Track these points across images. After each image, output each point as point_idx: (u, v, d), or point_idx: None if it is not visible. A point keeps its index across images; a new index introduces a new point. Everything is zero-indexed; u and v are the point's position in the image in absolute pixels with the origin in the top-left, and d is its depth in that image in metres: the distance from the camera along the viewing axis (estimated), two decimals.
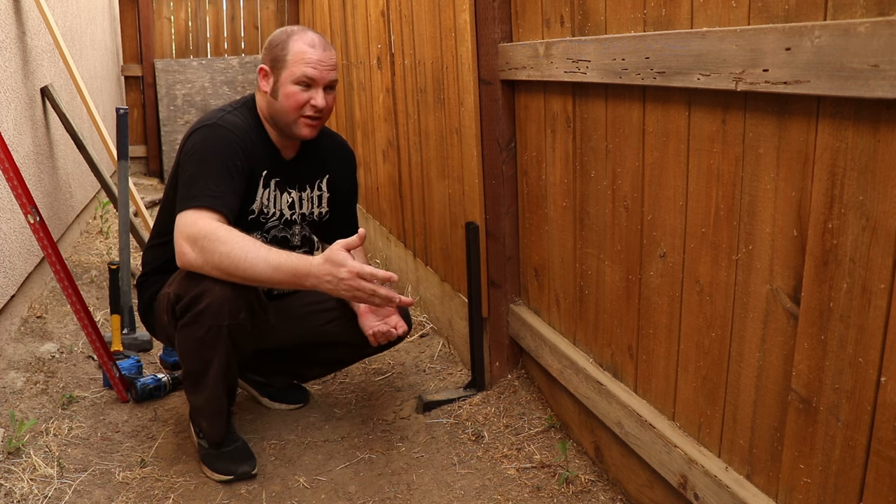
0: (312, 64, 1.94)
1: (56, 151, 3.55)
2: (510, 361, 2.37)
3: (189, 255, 1.77)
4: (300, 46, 1.95)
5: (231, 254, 1.74)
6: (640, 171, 1.60)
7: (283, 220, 2.09)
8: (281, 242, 2.08)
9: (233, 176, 1.89)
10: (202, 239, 1.76)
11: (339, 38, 4.16)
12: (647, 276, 1.61)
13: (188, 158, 1.90)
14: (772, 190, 1.22)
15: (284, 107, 1.96)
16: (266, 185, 2.02)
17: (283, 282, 1.78)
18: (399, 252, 3.25)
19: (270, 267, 1.75)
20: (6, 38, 2.90)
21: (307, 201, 2.14)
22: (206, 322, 1.82)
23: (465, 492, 1.88)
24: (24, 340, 2.65)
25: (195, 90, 6.13)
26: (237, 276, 1.77)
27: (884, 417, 1.05)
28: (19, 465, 1.96)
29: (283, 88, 1.95)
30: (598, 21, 1.68)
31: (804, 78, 1.07)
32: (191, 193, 1.83)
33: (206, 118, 1.97)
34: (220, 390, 1.93)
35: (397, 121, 3.08)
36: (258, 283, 1.80)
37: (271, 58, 1.99)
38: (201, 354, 1.87)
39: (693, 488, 1.46)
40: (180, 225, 1.80)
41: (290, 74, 1.94)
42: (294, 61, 1.94)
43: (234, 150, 1.90)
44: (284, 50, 1.96)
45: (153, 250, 2.12)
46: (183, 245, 1.78)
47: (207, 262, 1.76)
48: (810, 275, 1.16)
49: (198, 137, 1.92)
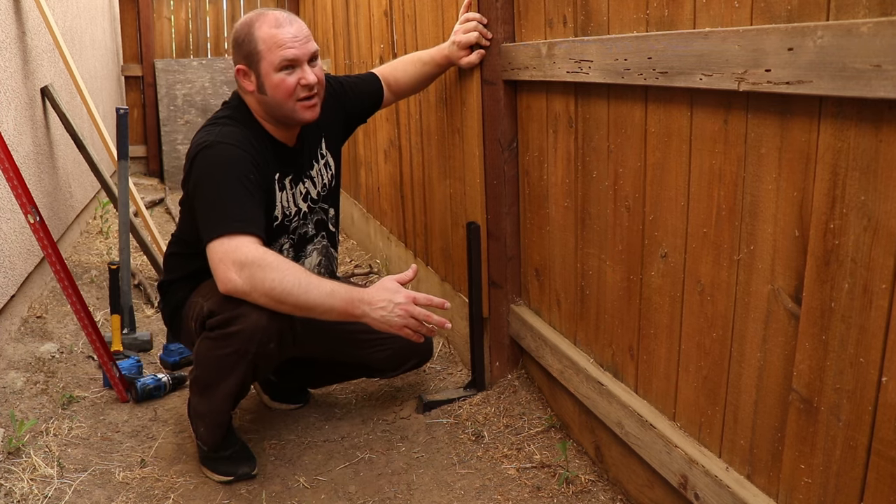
0: (287, 44, 1.83)
1: (56, 151, 3.55)
2: (510, 361, 2.37)
3: (236, 282, 1.70)
4: (267, 31, 1.84)
5: (284, 280, 1.68)
6: (641, 171, 1.60)
7: (301, 215, 2.04)
8: (302, 238, 2.05)
9: (252, 193, 1.81)
10: (250, 266, 1.69)
11: (341, 38, 4.16)
12: (648, 276, 1.61)
13: (201, 185, 1.82)
14: (774, 190, 1.22)
15: (277, 98, 1.87)
16: (282, 187, 1.96)
17: (335, 308, 1.71)
18: (400, 252, 3.25)
19: (324, 293, 1.70)
20: (6, 38, 2.90)
21: (318, 176, 2.08)
22: (234, 345, 1.77)
23: (465, 492, 1.88)
24: (24, 340, 2.65)
25: (195, 90, 6.13)
26: (288, 304, 1.70)
27: (885, 417, 1.05)
28: (19, 465, 1.96)
29: (268, 80, 1.86)
30: (600, 21, 1.68)
31: (806, 78, 1.07)
32: (218, 219, 1.75)
33: (204, 137, 1.86)
34: (226, 406, 1.91)
35: (399, 120, 3.08)
36: (308, 310, 1.72)
37: (243, 55, 1.88)
38: (219, 371, 1.84)
39: (693, 488, 1.46)
40: (220, 252, 1.72)
41: (269, 64, 1.84)
42: (267, 49, 1.83)
43: (245, 166, 1.82)
44: (253, 42, 1.85)
45: (177, 258, 2.06)
46: (228, 272, 1.70)
47: (256, 289, 1.69)
48: (812, 275, 1.16)
49: (204, 162, 1.82)
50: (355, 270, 3.62)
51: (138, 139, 6.25)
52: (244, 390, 1.93)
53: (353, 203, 4.17)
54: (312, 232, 2.10)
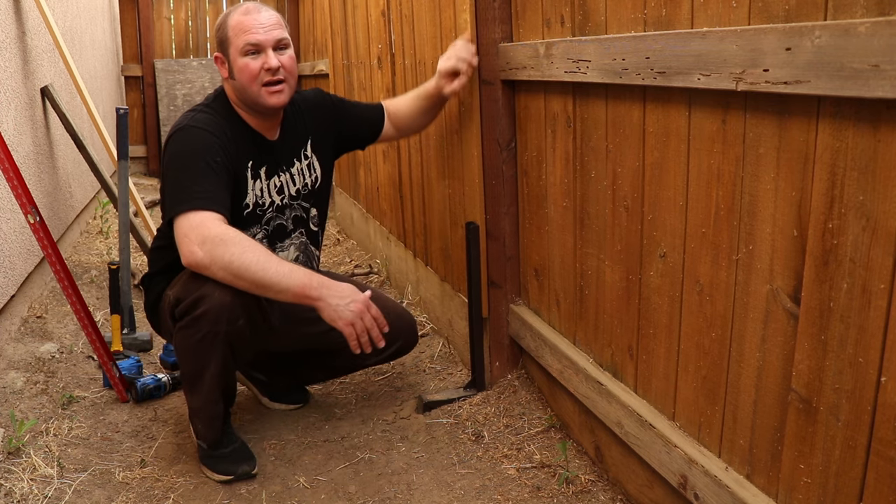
0: (251, 30, 1.93)
1: (56, 151, 3.55)
2: (510, 361, 2.37)
3: (197, 255, 1.75)
4: (236, 18, 1.95)
5: (243, 256, 1.73)
6: (640, 171, 1.60)
7: (275, 207, 2.07)
8: (278, 230, 2.07)
9: (217, 173, 1.87)
10: (213, 240, 1.75)
11: (339, 38, 4.16)
12: (647, 276, 1.61)
13: (169, 165, 1.90)
14: (772, 190, 1.22)
15: (243, 82, 1.95)
16: (255, 175, 2.00)
17: (291, 289, 1.76)
18: (399, 252, 3.25)
19: (282, 273, 1.75)
20: (6, 38, 2.90)
21: (298, 175, 2.12)
22: (204, 327, 1.81)
23: (465, 492, 1.88)
24: (24, 340, 2.65)
25: (195, 90, 6.13)
26: (246, 279, 1.75)
27: (884, 417, 1.05)
28: (19, 465, 1.96)
29: (235, 65, 1.95)
30: (598, 21, 1.68)
31: (804, 78, 1.07)
32: (183, 196, 1.82)
33: (179, 122, 1.96)
34: (215, 395, 1.93)
35: None
36: (265, 287, 1.77)
37: (218, 42, 2.01)
38: (197, 358, 1.87)
39: (693, 488, 1.46)
40: (185, 226, 1.78)
41: (235, 49, 1.94)
42: (234, 35, 1.94)
43: (212, 148, 1.89)
44: (224, 29, 1.98)
45: (158, 252, 2.11)
46: (190, 245, 1.76)
47: (215, 263, 1.74)
48: (810, 275, 1.16)
49: (174, 144, 1.91)
50: (355, 270, 3.62)
51: (138, 139, 6.25)
52: (229, 377, 1.94)
53: (353, 203, 4.17)
54: (291, 227, 2.12)
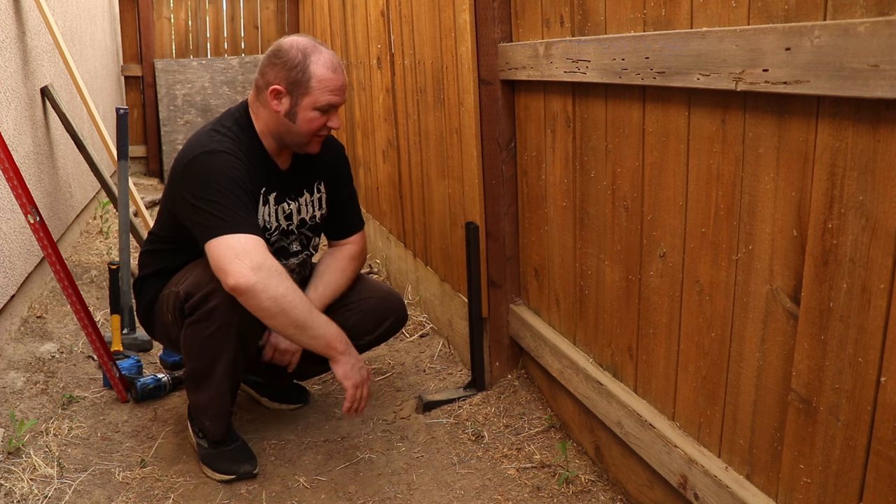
0: (336, 91, 1.91)
1: (56, 151, 3.55)
2: (510, 361, 2.37)
3: (250, 279, 1.73)
4: (322, 72, 1.88)
5: (294, 294, 1.78)
6: (639, 171, 1.60)
7: (280, 231, 2.08)
8: (280, 252, 2.07)
9: (250, 199, 1.89)
10: (269, 269, 1.76)
11: (338, 38, 4.16)
12: (646, 276, 1.61)
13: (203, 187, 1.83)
14: (772, 190, 1.22)
15: (302, 130, 1.92)
16: (265, 201, 2.00)
17: (325, 336, 1.85)
18: (399, 252, 3.25)
19: (323, 321, 1.86)
20: (6, 38, 2.90)
21: (306, 206, 2.12)
22: (218, 319, 1.83)
23: (465, 492, 1.88)
24: (24, 340, 2.65)
25: (195, 90, 6.13)
26: (289, 316, 1.78)
27: (883, 417, 1.05)
28: (19, 465, 1.96)
29: (304, 114, 1.90)
30: (597, 21, 1.68)
31: (804, 78, 1.07)
32: (230, 219, 1.79)
33: (203, 143, 1.88)
34: (225, 389, 1.94)
35: (397, 121, 3.08)
36: (302, 328, 1.82)
37: (289, 81, 1.89)
38: (209, 352, 1.88)
39: (693, 488, 1.46)
40: (236, 248, 1.75)
41: (313, 101, 1.89)
42: (318, 88, 1.88)
43: (244, 176, 1.88)
44: (306, 74, 1.88)
45: (152, 255, 2.11)
46: (242, 267, 1.73)
47: (266, 291, 1.74)
48: (810, 275, 1.16)
49: (205, 168, 1.84)
50: None
51: (138, 139, 6.25)
52: (238, 370, 1.95)
53: None
54: (296, 248, 2.14)
